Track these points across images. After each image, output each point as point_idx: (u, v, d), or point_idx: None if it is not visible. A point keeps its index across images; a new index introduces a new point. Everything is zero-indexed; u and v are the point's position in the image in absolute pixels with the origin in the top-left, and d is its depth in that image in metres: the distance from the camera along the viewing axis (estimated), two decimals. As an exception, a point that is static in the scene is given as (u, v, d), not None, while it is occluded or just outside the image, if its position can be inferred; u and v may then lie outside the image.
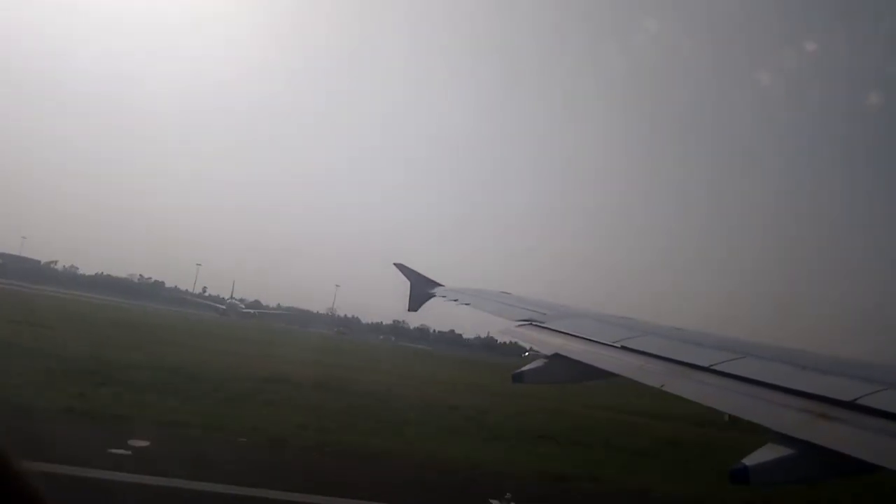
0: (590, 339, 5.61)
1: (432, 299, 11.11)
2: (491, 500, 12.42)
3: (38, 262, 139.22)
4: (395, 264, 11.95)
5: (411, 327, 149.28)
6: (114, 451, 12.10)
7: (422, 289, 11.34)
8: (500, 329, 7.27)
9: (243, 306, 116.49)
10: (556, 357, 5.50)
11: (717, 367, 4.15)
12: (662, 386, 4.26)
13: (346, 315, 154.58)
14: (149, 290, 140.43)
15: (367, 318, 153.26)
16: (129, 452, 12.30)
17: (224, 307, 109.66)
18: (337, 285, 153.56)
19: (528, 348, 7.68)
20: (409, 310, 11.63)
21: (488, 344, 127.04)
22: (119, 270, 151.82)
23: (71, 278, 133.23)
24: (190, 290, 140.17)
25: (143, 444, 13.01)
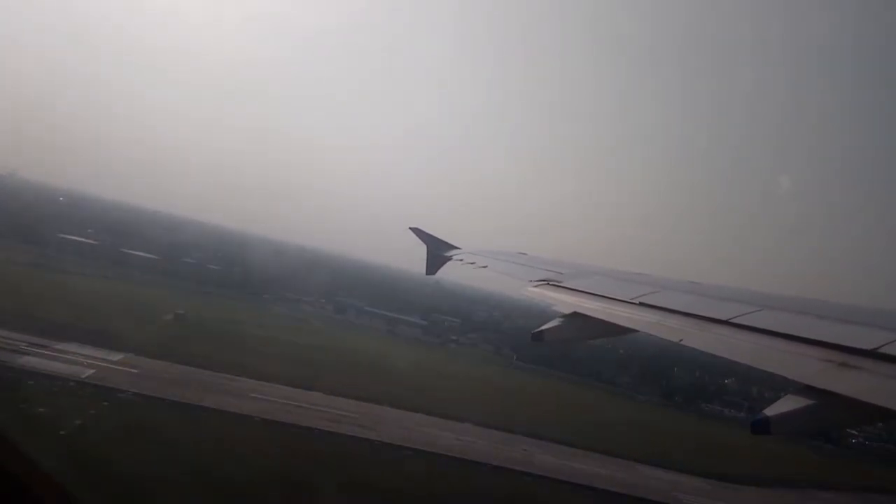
0: (607, 297, 5.61)
1: (449, 262, 11.14)
2: None
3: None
4: (411, 228, 11.95)
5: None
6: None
7: (439, 252, 11.36)
8: (522, 292, 7.27)
9: None
10: (575, 315, 5.52)
11: (735, 321, 4.14)
12: (681, 340, 4.26)
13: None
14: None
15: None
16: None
17: None
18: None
19: None
20: (426, 273, 11.67)
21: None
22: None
23: None
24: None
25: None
